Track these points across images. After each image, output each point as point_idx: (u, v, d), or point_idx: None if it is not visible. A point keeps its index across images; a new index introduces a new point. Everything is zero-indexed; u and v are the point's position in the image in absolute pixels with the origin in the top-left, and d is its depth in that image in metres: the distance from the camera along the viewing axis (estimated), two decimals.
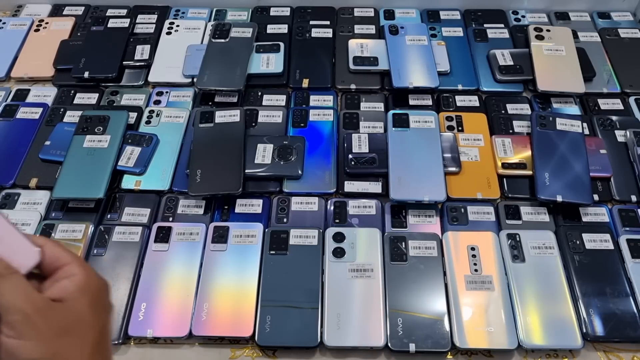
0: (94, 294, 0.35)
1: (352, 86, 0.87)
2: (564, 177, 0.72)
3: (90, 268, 0.36)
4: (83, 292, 0.34)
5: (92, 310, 0.34)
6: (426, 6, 1.00)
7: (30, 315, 0.31)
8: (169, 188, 0.74)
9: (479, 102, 0.85)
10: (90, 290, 0.35)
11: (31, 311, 0.31)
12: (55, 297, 0.33)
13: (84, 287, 0.34)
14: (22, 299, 0.32)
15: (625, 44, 0.93)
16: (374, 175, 0.75)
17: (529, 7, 1.00)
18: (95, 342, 0.34)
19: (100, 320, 0.35)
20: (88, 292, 0.34)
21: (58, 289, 0.34)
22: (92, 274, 0.36)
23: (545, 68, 0.86)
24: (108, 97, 0.86)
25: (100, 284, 0.36)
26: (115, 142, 0.76)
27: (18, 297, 0.31)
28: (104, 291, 0.36)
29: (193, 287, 0.64)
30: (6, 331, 0.31)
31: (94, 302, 0.35)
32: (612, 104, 0.85)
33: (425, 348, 0.60)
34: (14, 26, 0.97)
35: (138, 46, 0.91)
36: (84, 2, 1.02)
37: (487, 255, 0.66)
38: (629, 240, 0.68)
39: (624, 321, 0.62)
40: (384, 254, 0.66)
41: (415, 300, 0.63)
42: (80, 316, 0.34)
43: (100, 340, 0.35)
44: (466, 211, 0.72)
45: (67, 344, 0.32)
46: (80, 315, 0.33)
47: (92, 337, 0.34)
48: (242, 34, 0.90)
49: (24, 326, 0.31)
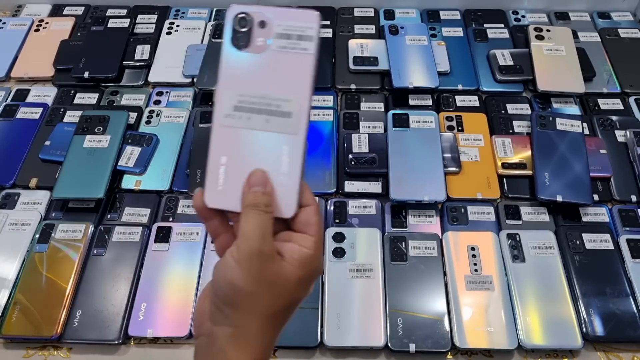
0: (307, 276, 0.36)
1: (352, 86, 0.87)
2: (564, 177, 0.72)
3: (320, 253, 0.37)
4: (302, 266, 0.35)
5: (297, 286, 0.36)
6: (426, 6, 1.00)
7: (254, 253, 0.33)
8: (169, 188, 0.74)
9: (479, 102, 0.85)
10: (308, 269, 0.36)
11: (257, 250, 0.33)
12: (279, 250, 0.35)
13: (306, 264, 0.35)
14: (259, 236, 0.34)
15: (625, 44, 0.93)
16: (374, 175, 0.75)
17: (529, 7, 1.00)
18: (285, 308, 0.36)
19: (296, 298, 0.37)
20: (305, 270, 0.35)
21: (287, 247, 0.36)
22: (319, 258, 0.37)
23: (545, 68, 0.86)
24: (108, 97, 0.86)
25: (317, 272, 0.37)
26: (115, 142, 0.76)
27: (257, 233, 0.34)
28: (314, 277, 0.37)
29: (193, 287, 0.64)
30: (233, 251, 0.34)
31: (302, 281, 0.36)
32: (612, 104, 0.85)
33: (425, 348, 0.60)
34: (14, 26, 0.97)
35: (138, 46, 0.91)
36: (84, 2, 1.02)
37: (487, 255, 0.66)
38: (629, 240, 0.68)
39: (624, 321, 0.62)
40: (384, 254, 0.66)
41: (415, 300, 0.63)
42: (286, 282, 0.35)
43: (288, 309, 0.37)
44: (466, 211, 0.72)
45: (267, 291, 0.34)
46: (286, 282, 0.35)
47: (285, 302, 0.36)
48: None
49: (245, 256, 0.33)
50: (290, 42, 0.35)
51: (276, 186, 0.35)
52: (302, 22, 0.35)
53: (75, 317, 0.62)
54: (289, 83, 0.35)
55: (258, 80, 0.35)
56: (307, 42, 0.35)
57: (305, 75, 0.35)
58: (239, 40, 0.36)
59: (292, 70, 0.35)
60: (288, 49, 0.35)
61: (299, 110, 0.35)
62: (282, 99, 0.35)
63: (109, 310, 0.63)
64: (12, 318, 0.62)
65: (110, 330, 0.62)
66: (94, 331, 0.62)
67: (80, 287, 0.64)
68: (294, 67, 0.35)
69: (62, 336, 0.61)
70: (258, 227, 0.34)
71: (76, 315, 0.62)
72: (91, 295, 0.64)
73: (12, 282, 0.65)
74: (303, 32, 0.35)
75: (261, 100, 0.35)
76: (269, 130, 0.35)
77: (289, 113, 0.35)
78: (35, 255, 0.67)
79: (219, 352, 0.35)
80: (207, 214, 0.37)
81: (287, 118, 0.35)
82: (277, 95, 0.35)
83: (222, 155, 0.36)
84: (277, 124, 0.35)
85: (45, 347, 0.63)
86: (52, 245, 0.67)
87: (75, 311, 0.63)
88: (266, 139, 0.35)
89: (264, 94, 0.35)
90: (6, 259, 0.67)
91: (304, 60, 0.35)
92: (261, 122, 0.35)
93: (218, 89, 0.36)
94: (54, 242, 0.68)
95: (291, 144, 0.35)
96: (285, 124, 0.35)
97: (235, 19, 0.36)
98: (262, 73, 0.35)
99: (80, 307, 0.63)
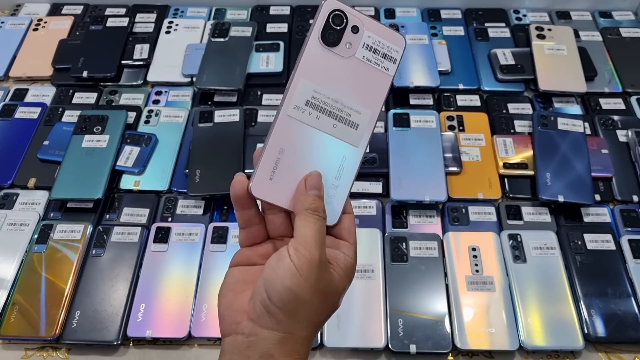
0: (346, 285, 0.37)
1: None
2: (566, 177, 0.72)
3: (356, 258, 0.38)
4: (347, 276, 0.36)
5: (341, 296, 0.36)
6: (427, 5, 0.99)
7: (315, 262, 0.33)
8: (168, 188, 0.74)
9: (480, 102, 0.85)
10: (350, 279, 0.37)
11: (317, 259, 0.33)
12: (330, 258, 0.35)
13: (350, 273, 0.36)
14: (320, 244, 0.34)
15: (626, 43, 0.93)
16: (375, 175, 0.75)
17: (530, 6, 1.00)
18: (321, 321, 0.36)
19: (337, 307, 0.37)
20: (349, 279, 0.36)
21: (334, 255, 0.36)
22: (355, 266, 0.37)
23: (546, 67, 0.85)
24: (107, 96, 0.86)
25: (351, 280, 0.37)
26: (114, 142, 0.75)
27: (317, 240, 0.34)
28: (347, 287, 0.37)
29: (192, 288, 0.64)
30: (292, 256, 0.33)
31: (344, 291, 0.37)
32: (614, 104, 0.85)
33: (426, 349, 0.60)
34: (12, 25, 0.96)
35: (137, 45, 0.91)
36: (82, 1, 1.01)
37: (488, 256, 0.66)
38: (630, 241, 0.68)
39: (625, 322, 0.62)
40: (384, 255, 0.66)
41: (416, 301, 0.63)
42: (335, 292, 0.35)
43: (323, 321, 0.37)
44: (467, 211, 0.71)
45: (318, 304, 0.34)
46: (335, 291, 0.35)
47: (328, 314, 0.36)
48: (242, 33, 0.89)
49: (306, 264, 0.33)
50: (376, 57, 0.36)
51: (327, 192, 0.36)
52: (390, 42, 0.36)
53: (74, 317, 0.62)
54: (365, 96, 0.36)
55: (336, 83, 0.36)
56: (390, 62, 0.36)
57: (380, 93, 0.36)
58: (329, 37, 0.35)
59: (371, 85, 0.36)
60: (372, 63, 0.36)
61: (367, 125, 0.36)
62: (354, 109, 0.36)
63: (108, 310, 0.63)
64: (10, 319, 0.62)
65: (109, 331, 0.61)
66: (92, 332, 0.61)
67: (79, 288, 0.64)
68: (372, 82, 0.36)
69: (60, 337, 0.61)
70: (318, 233, 0.34)
71: (75, 316, 0.62)
72: (90, 296, 0.64)
73: (10, 282, 0.65)
74: (389, 52, 0.36)
75: (335, 103, 0.36)
76: (334, 136, 0.36)
77: (357, 125, 0.36)
78: (34, 255, 0.66)
79: (264, 355, 0.34)
80: (246, 202, 0.36)
81: (354, 129, 0.36)
82: (350, 104, 0.36)
83: (281, 146, 0.35)
84: (344, 131, 0.36)
85: (43, 347, 0.62)
86: (51, 246, 0.67)
87: (74, 312, 0.62)
88: (329, 143, 0.36)
89: (338, 98, 0.36)
90: (4, 259, 0.67)
91: (383, 78, 0.36)
92: (329, 125, 0.36)
93: (294, 78, 0.35)
94: (53, 242, 0.67)
95: (351, 155, 0.36)
96: (351, 134, 0.36)
97: (331, 15, 0.35)
98: (342, 77, 0.36)
99: (79, 308, 0.63)
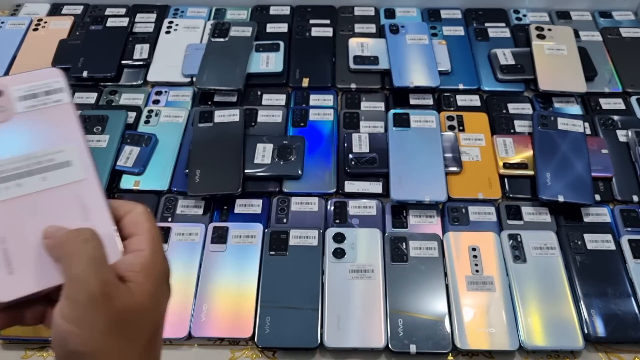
0: (157, 279, 0.31)
1: (352, 85, 0.86)
2: (566, 177, 0.72)
3: (159, 245, 0.32)
4: (149, 276, 0.30)
5: (153, 300, 0.31)
6: (427, 5, 0.99)
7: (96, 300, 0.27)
8: (168, 188, 0.74)
9: (480, 102, 0.85)
10: (155, 273, 0.31)
11: (98, 294, 0.27)
12: (119, 274, 0.30)
13: (150, 270, 0.31)
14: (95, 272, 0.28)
15: (626, 43, 0.93)
16: (375, 175, 0.75)
17: (530, 6, 1.00)
18: (150, 338, 0.31)
19: (159, 313, 0.32)
20: (152, 276, 0.31)
21: (122, 263, 0.31)
22: (159, 253, 0.32)
23: (546, 67, 0.85)
24: (107, 96, 0.86)
25: (164, 267, 0.32)
26: (114, 142, 0.75)
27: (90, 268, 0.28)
28: (166, 277, 0.33)
29: (192, 288, 0.64)
30: (65, 311, 0.28)
31: (156, 290, 0.31)
32: (614, 104, 0.85)
33: (426, 349, 0.60)
34: (12, 25, 0.96)
35: (137, 45, 0.91)
36: (82, 1, 1.01)
37: (488, 256, 0.66)
38: (630, 241, 0.67)
39: (625, 322, 0.62)
40: (384, 255, 0.66)
41: (416, 301, 0.63)
42: (142, 307, 0.30)
43: (154, 335, 0.32)
44: (467, 211, 0.71)
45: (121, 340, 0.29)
46: (141, 306, 0.30)
47: (148, 332, 0.31)
48: (242, 33, 0.89)
49: (84, 310, 0.27)
50: (39, 100, 0.36)
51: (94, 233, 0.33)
52: (44, 79, 0.36)
53: None
54: (55, 135, 0.35)
55: (15, 145, 0.35)
56: (57, 94, 0.36)
57: (69, 122, 0.36)
58: None
59: (54, 123, 0.35)
60: (39, 106, 0.36)
61: (79, 155, 0.35)
62: (54, 151, 0.35)
63: None
64: None
65: None
66: None
67: None
68: (54, 120, 0.35)
69: None
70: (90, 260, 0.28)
71: None
72: None
73: None
74: (50, 87, 0.36)
75: (27, 162, 0.34)
76: (51, 187, 0.34)
77: (68, 162, 0.35)
78: None
79: None
80: None
81: (68, 167, 0.35)
82: (46, 150, 0.35)
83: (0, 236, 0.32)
84: (58, 176, 0.34)
85: (44, 347, 0.62)
86: None
87: None
88: (50, 197, 0.34)
89: (27, 156, 0.34)
90: None
91: (62, 110, 0.36)
92: (36, 183, 0.34)
93: None
94: None
95: (85, 189, 0.35)
96: (69, 173, 0.35)
97: None
98: (17, 137, 0.35)
99: None
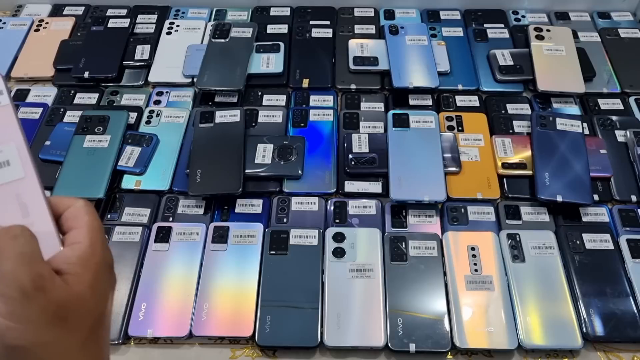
0: (96, 270, 0.31)
1: (352, 86, 0.87)
2: (564, 177, 0.72)
3: (98, 236, 0.32)
4: (85, 266, 0.30)
5: (93, 291, 0.30)
6: (426, 6, 1.00)
7: (29, 294, 0.27)
8: (169, 188, 0.74)
9: (479, 102, 0.85)
10: (93, 264, 0.31)
11: (31, 288, 0.27)
12: (55, 267, 0.29)
13: (88, 261, 0.30)
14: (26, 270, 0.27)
15: (625, 44, 0.93)
16: (374, 175, 0.75)
17: (529, 7, 1.00)
18: (91, 328, 0.31)
19: (101, 303, 0.32)
20: (90, 267, 0.30)
21: (59, 258, 0.30)
22: (98, 244, 0.32)
23: (545, 68, 0.86)
24: (108, 97, 0.86)
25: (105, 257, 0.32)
26: (115, 142, 0.76)
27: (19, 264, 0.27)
28: (108, 267, 0.32)
29: (193, 287, 0.64)
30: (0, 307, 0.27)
31: (96, 280, 0.31)
32: (612, 104, 0.85)
33: (425, 348, 0.60)
34: (14, 26, 0.96)
35: (138, 46, 0.91)
36: (84, 2, 1.02)
37: (487, 255, 0.66)
38: (629, 240, 0.68)
39: (624, 321, 0.62)
40: (384, 254, 0.66)
41: (416, 300, 0.63)
42: (80, 298, 0.29)
43: (96, 326, 0.31)
44: (466, 211, 0.72)
45: (60, 332, 0.29)
46: (79, 297, 0.29)
47: (88, 323, 0.30)
48: (242, 33, 0.90)
49: (18, 305, 0.27)
50: None
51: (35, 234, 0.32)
52: None
53: None
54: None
55: None
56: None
57: (8, 124, 0.35)
58: None
59: None
60: None
61: (17, 154, 0.35)
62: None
63: None
64: None
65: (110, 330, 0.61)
66: None
67: None
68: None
69: None
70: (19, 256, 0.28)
71: None
72: None
73: None
74: None
75: None
76: None
77: (6, 162, 0.35)
78: None
79: None
80: None
81: (8, 166, 0.35)
82: None
83: None
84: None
85: None
86: None
87: None
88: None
89: None
90: None
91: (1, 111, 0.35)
92: None
93: None
94: None
95: (24, 187, 0.35)
96: (8, 172, 0.35)
97: None
98: None
99: None
